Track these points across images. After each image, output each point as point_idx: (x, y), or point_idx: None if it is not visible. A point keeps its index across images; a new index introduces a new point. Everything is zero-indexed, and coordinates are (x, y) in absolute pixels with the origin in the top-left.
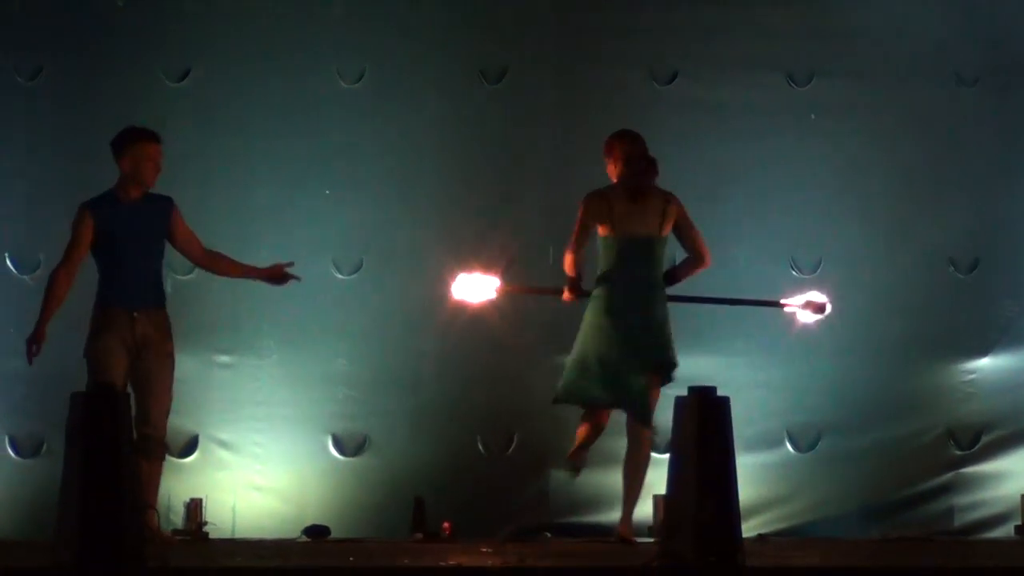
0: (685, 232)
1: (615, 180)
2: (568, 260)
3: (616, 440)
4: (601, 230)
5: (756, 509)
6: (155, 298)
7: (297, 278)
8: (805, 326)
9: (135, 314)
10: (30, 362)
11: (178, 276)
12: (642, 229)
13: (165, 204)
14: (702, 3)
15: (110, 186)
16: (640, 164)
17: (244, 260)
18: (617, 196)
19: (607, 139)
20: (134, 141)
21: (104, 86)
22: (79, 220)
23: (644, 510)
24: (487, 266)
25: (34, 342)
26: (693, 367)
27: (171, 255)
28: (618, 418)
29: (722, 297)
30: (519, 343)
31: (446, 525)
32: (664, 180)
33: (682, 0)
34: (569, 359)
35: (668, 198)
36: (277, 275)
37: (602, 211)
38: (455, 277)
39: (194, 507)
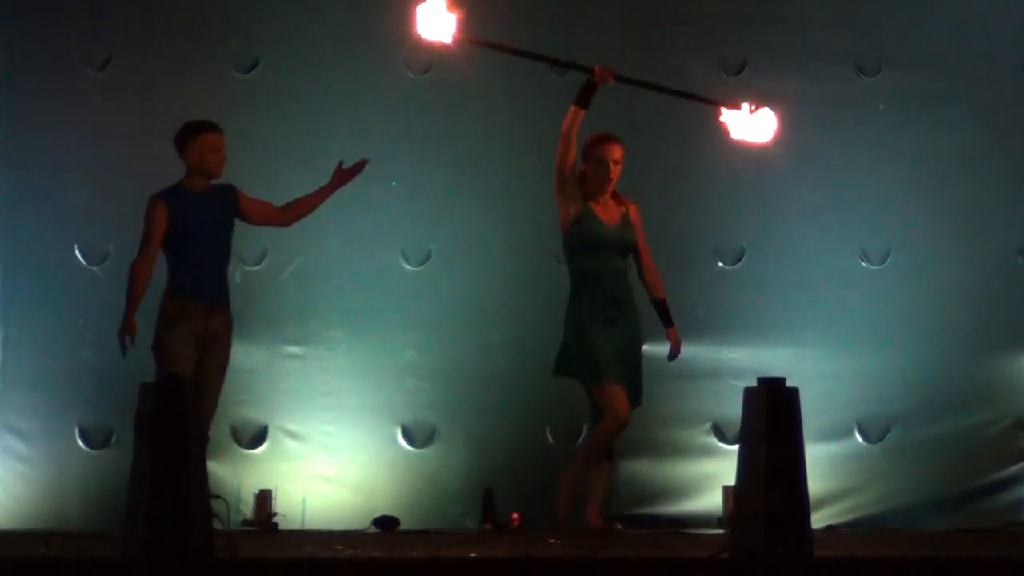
0: None
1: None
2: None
3: (677, 431)
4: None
5: (825, 500)
6: (225, 296)
7: (365, 161)
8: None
9: (209, 309)
10: (124, 354)
11: (247, 267)
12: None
13: (230, 192)
14: None
15: (178, 179)
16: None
17: (312, 250)
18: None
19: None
20: (196, 133)
21: (172, 77)
22: (152, 211)
23: (714, 500)
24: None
25: (126, 333)
26: (762, 358)
27: (240, 246)
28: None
29: (658, 84)
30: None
31: (515, 516)
32: (731, 171)
33: None
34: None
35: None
36: (346, 177)
37: None
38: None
39: (263, 498)
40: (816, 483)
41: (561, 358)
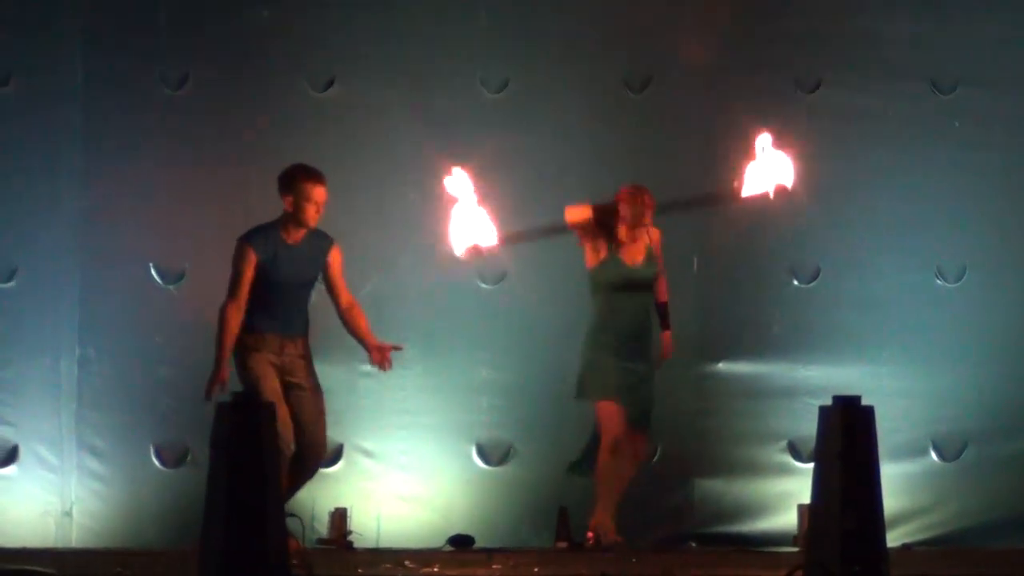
0: None
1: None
2: None
3: (752, 449)
4: None
5: (901, 519)
6: (303, 326)
7: (383, 368)
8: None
9: (284, 340)
10: (208, 399)
11: (323, 287)
12: None
13: (325, 245)
14: (847, 11)
15: (273, 218)
16: None
17: (388, 270)
18: None
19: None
20: (298, 180)
21: (249, 96)
22: (242, 256)
23: (789, 519)
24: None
25: (217, 383)
26: (838, 376)
27: None
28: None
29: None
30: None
31: (590, 535)
32: (807, 188)
33: (826, 8)
34: None
35: None
36: (380, 356)
37: None
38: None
39: (339, 516)
40: (891, 501)
41: (578, 382)
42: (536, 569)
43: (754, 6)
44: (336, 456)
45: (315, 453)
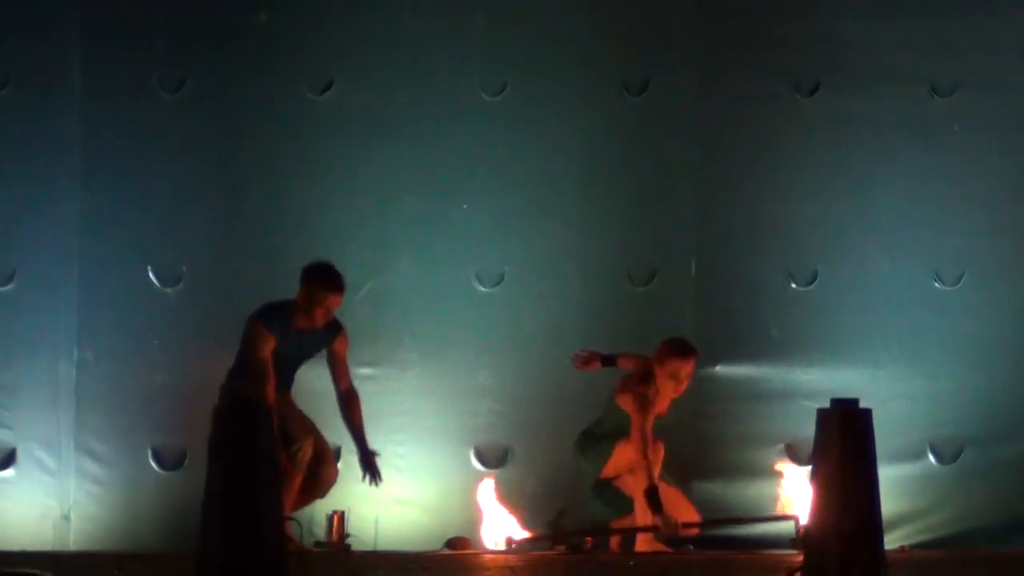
0: None
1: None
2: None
3: (750, 451)
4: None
5: (898, 521)
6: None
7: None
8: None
9: (278, 395)
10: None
11: None
12: None
13: (333, 331)
14: (845, 14)
15: (286, 299)
16: None
17: (386, 273)
18: None
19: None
20: (319, 285)
21: (247, 100)
22: (259, 336)
23: (786, 522)
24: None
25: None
26: (836, 379)
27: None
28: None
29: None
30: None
31: (588, 539)
32: (805, 191)
33: (824, 11)
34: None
35: None
36: (365, 461)
37: None
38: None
39: (336, 519)
40: (889, 504)
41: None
42: (534, 572)
43: (752, 10)
44: (334, 458)
45: (331, 477)
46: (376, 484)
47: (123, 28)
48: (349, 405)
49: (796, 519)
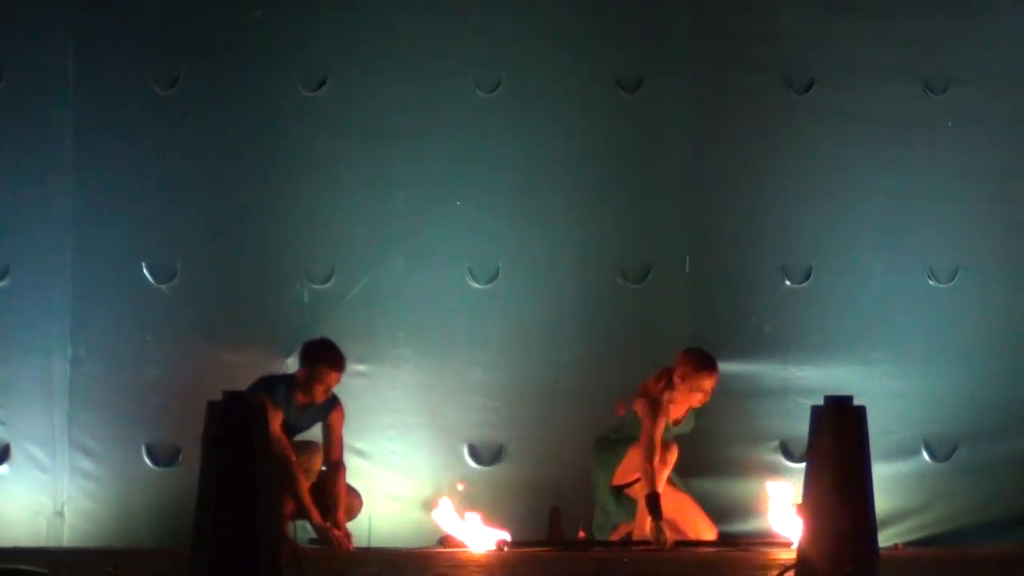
0: None
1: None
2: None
3: (744, 449)
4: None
5: (892, 519)
6: None
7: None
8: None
9: None
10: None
11: (315, 286)
12: None
13: (329, 405)
14: (839, 11)
15: (287, 374)
16: None
17: (380, 269)
18: None
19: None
20: (322, 363)
21: (241, 96)
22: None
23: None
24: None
25: (335, 532)
26: (830, 376)
27: (308, 265)
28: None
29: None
30: (656, 352)
31: (581, 534)
32: (799, 188)
33: (819, 8)
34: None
35: None
36: (343, 537)
37: None
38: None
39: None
40: (883, 501)
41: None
42: (528, 568)
43: (747, 6)
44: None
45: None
46: (347, 547)
47: (117, 23)
48: (337, 473)
49: (791, 543)
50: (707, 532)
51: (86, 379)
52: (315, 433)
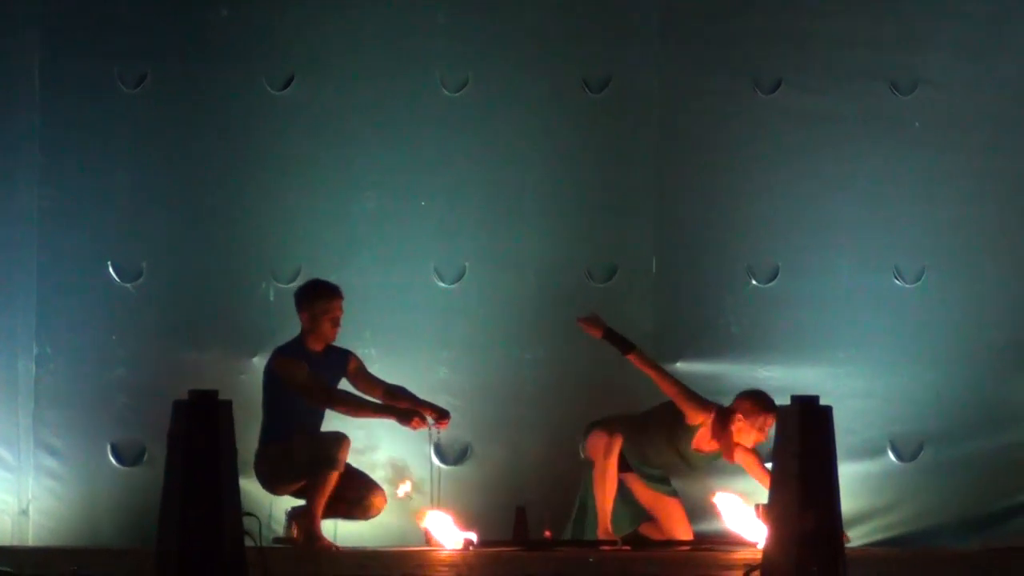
0: None
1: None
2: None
3: None
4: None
5: (858, 519)
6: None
7: (427, 424)
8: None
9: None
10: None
11: (281, 284)
12: None
13: (345, 358)
14: (806, 12)
15: (295, 335)
16: None
17: (346, 268)
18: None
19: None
20: (314, 297)
21: (208, 95)
22: (290, 366)
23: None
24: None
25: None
26: (796, 376)
27: (275, 263)
28: None
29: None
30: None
31: (547, 534)
32: (766, 189)
33: (786, 9)
34: None
35: None
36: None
37: None
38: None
39: (295, 516)
40: (849, 501)
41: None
42: (493, 568)
43: (714, 6)
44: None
45: (380, 504)
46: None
47: (84, 21)
48: (398, 389)
49: (755, 544)
50: (684, 535)
51: (51, 378)
52: (332, 424)
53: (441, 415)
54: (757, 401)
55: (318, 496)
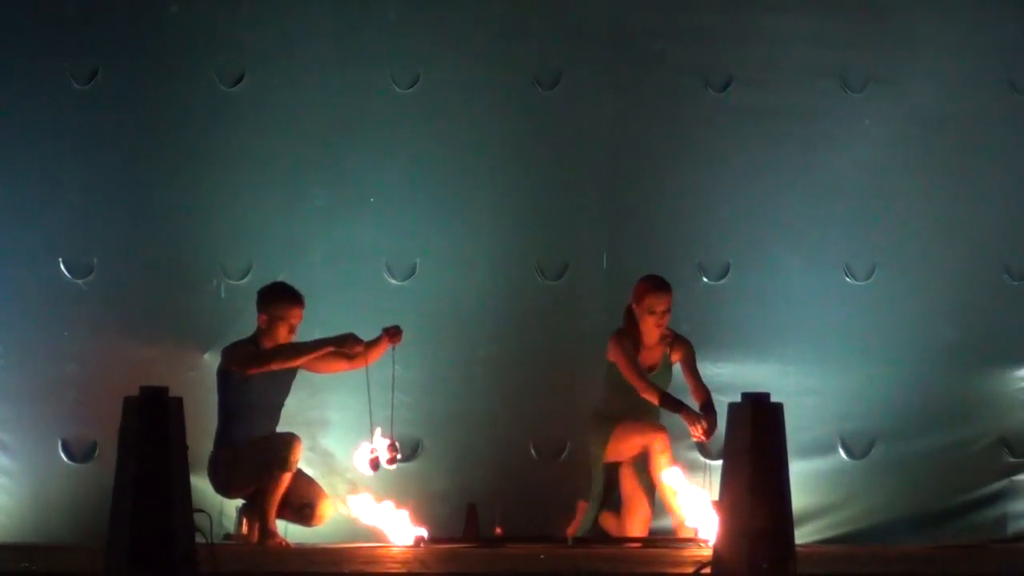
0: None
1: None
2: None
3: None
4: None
5: (809, 516)
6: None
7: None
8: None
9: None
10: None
11: (232, 282)
12: None
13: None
14: (757, 9)
15: (248, 334)
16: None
17: (297, 265)
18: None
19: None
20: (273, 300)
21: (158, 91)
22: (241, 351)
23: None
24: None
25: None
26: (747, 374)
27: (225, 260)
28: None
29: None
30: (573, 348)
31: (498, 530)
32: (716, 186)
33: (737, 6)
34: None
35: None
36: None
37: None
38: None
39: (246, 513)
40: (799, 498)
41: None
42: (444, 565)
43: (664, 3)
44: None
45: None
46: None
47: (33, 17)
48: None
49: (706, 541)
50: (639, 532)
51: (2, 374)
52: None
53: (392, 332)
54: (639, 283)
55: (269, 496)
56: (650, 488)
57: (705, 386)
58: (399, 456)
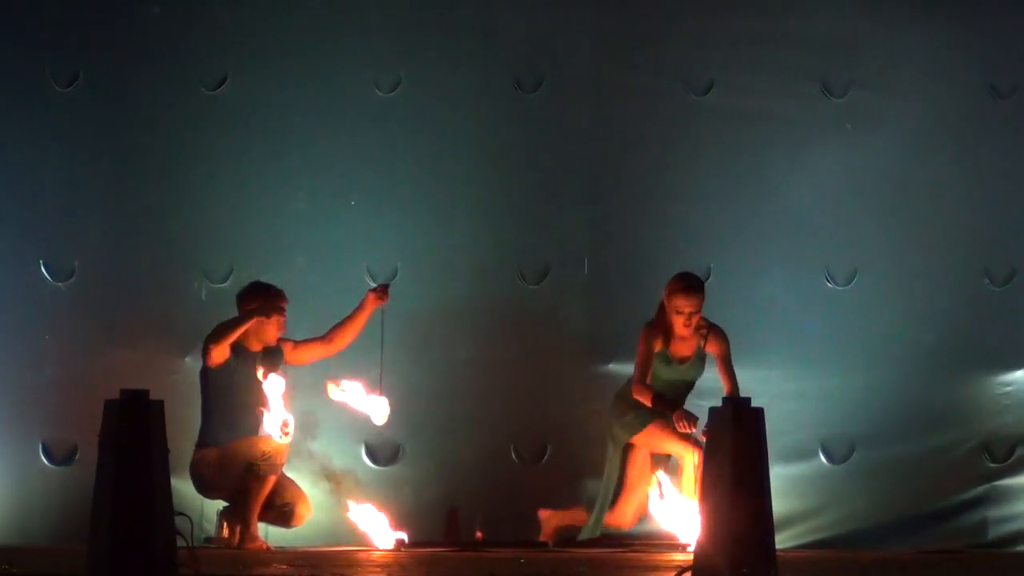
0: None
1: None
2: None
3: None
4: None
5: (789, 521)
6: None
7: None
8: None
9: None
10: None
11: (213, 284)
12: None
13: (278, 352)
14: (738, 13)
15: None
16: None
17: (278, 268)
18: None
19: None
20: (253, 298)
21: (140, 94)
22: (215, 355)
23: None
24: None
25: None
26: None
27: (206, 263)
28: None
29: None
30: (555, 353)
31: (478, 534)
32: (698, 189)
33: (719, 10)
34: None
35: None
36: (376, 302)
37: None
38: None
39: (226, 516)
40: (780, 503)
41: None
42: (425, 568)
43: (646, 7)
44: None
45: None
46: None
47: (14, 20)
48: (337, 332)
49: (688, 545)
50: (633, 516)
51: None
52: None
53: (380, 291)
54: (670, 282)
55: (252, 499)
56: (650, 480)
57: (735, 381)
58: (291, 432)
